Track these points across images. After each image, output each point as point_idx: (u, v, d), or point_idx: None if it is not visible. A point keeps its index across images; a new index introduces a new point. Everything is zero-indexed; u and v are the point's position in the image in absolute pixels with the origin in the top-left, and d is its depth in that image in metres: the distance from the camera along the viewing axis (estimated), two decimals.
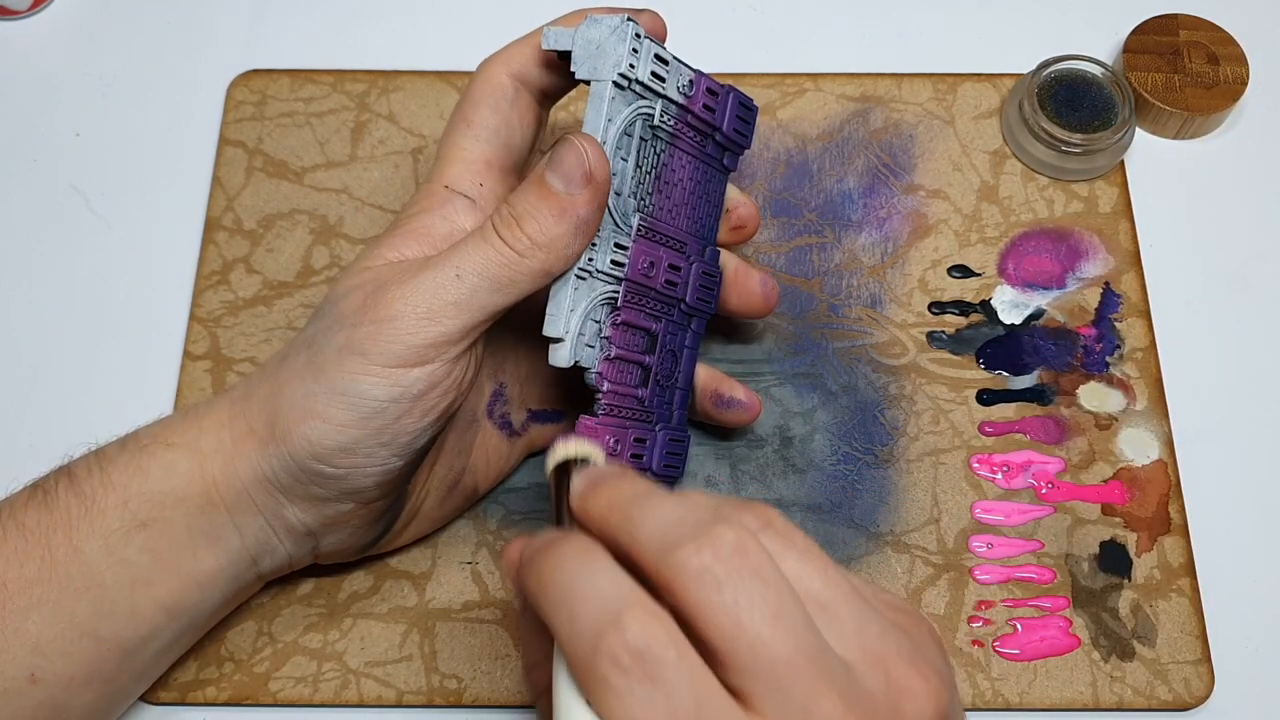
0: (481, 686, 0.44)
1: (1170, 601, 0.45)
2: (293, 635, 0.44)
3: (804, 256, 0.51)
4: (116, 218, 0.53)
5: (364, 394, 0.36)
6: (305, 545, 0.40)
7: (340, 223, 0.52)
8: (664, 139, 0.40)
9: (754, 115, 0.43)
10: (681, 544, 0.26)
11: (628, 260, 0.39)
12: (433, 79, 0.55)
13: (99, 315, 0.51)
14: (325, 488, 0.38)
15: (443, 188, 0.39)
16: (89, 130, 0.55)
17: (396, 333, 0.36)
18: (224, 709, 0.44)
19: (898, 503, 0.47)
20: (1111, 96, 0.53)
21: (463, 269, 0.36)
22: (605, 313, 0.39)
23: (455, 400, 0.38)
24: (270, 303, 0.50)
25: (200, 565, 0.38)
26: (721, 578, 0.26)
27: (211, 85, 0.55)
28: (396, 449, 0.37)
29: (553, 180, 0.36)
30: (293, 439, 0.37)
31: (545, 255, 0.36)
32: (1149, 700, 0.43)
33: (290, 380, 0.37)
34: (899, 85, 0.55)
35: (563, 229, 0.36)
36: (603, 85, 0.37)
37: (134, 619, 0.37)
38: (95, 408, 0.48)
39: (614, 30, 0.37)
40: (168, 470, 0.38)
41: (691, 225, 0.42)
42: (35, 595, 0.36)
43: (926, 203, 0.52)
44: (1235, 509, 0.47)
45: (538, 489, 0.47)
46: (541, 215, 0.36)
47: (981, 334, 0.50)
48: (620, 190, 0.39)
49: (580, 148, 0.36)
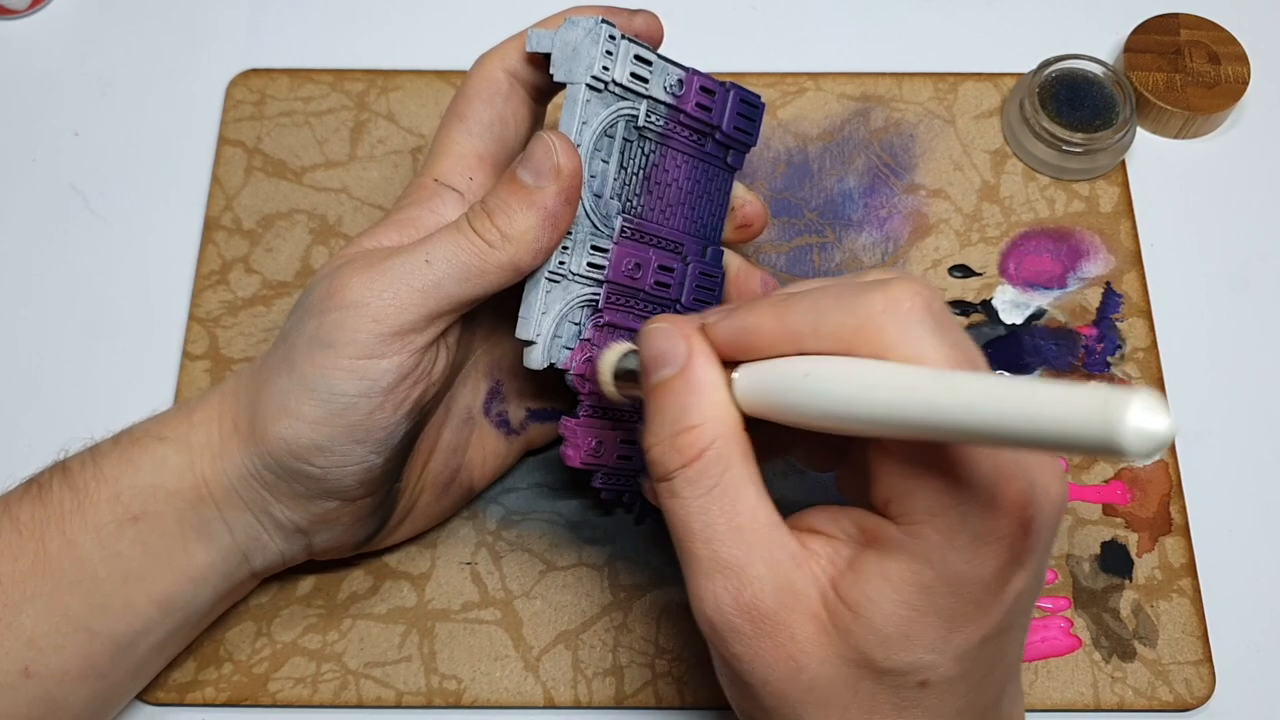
0: (481, 687, 0.43)
1: (1171, 602, 0.45)
2: (292, 636, 0.44)
3: (804, 256, 0.51)
4: (116, 217, 0.53)
5: (334, 389, 0.36)
6: (297, 542, 0.40)
7: (339, 222, 0.52)
8: (653, 139, 0.40)
9: (759, 112, 0.43)
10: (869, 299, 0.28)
11: (608, 262, 0.39)
12: (432, 78, 0.55)
13: (98, 315, 0.51)
14: (307, 486, 0.38)
15: (432, 181, 0.39)
16: (88, 130, 0.55)
17: (361, 319, 0.36)
18: (223, 710, 0.44)
19: None
20: (1113, 96, 0.53)
21: (432, 256, 0.36)
22: (585, 315, 0.40)
23: (426, 392, 0.38)
24: (269, 302, 0.50)
25: (192, 560, 0.38)
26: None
27: (210, 85, 0.55)
28: (373, 445, 0.37)
29: (522, 174, 0.36)
30: (269, 438, 0.37)
31: (514, 248, 0.36)
32: (1150, 701, 0.43)
33: (269, 377, 0.37)
34: (899, 85, 0.55)
35: (530, 222, 0.36)
36: (576, 88, 0.37)
37: (127, 613, 0.37)
38: (94, 407, 0.48)
39: (588, 32, 0.37)
40: (159, 464, 0.38)
41: (689, 225, 0.42)
42: (29, 589, 0.36)
43: (927, 202, 0.52)
44: (1236, 509, 0.47)
45: (537, 489, 0.47)
46: (511, 208, 0.36)
47: (983, 334, 0.50)
48: (600, 192, 0.39)
49: (549, 142, 0.36)
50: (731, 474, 0.31)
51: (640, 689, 0.43)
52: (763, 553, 0.30)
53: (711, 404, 0.31)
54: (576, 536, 0.46)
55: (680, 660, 0.44)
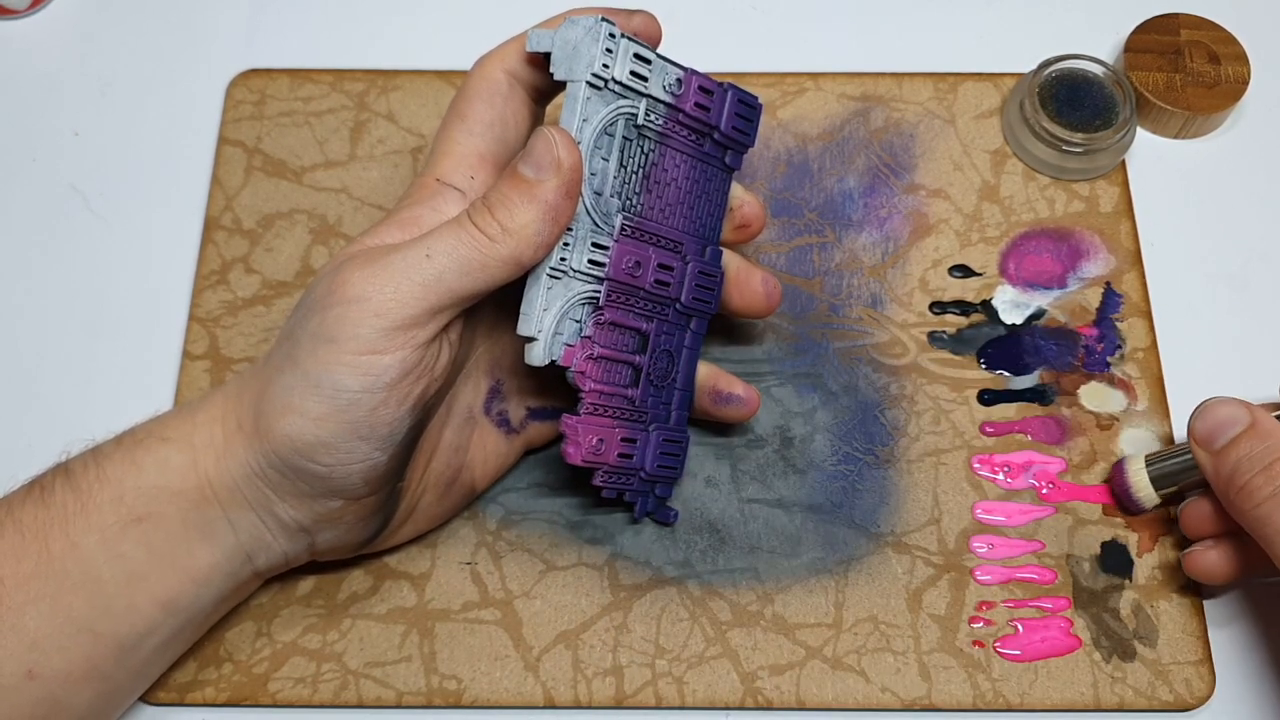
0: (481, 687, 0.43)
1: (1171, 602, 0.45)
2: (292, 636, 0.44)
3: (804, 256, 0.51)
4: (116, 217, 0.53)
5: (337, 385, 0.36)
6: (300, 542, 0.40)
7: (339, 222, 0.52)
8: (652, 138, 0.40)
9: (757, 113, 0.43)
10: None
11: (609, 259, 0.39)
12: (432, 78, 0.55)
13: (98, 315, 0.51)
14: (311, 484, 0.38)
15: (434, 180, 0.40)
16: (88, 130, 0.55)
17: (363, 314, 0.36)
18: (223, 710, 0.44)
19: (898, 503, 0.47)
20: (1113, 96, 0.53)
21: (433, 250, 0.36)
22: (586, 312, 0.40)
23: (429, 388, 0.38)
24: (269, 302, 0.50)
25: (196, 561, 0.38)
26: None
27: (211, 85, 0.55)
28: (377, 442, 0.37)
29: (523, 168, 0.37)
30: (274, 435, 0.37)
31: (515, 242, 0.36)
32: (1150, 701, 0.43)
33: (273, 375, 0.37)
34: (899, 84, 0.55)
35: (531, 215, 0.36)
36: (576, 85, 0.38)
37: (131, 614, 0.37)
38: (95, 407, 0.48)
39: (588, 31, 0.37)
40: (162, 465, 0.38)
41: (689, 224, 0.42)
42: (33, 591, 0.36)
43: (927, 202, 0.52)
44: None
45: (537, 488, 0.47)
46: (512, 202, 0.36)
47: (982, 334, 0.50)
48: (601, 190, 0.39)
49: (550, 136, 0.37)
50: None
51: (640, 689, 0.43)
52: None
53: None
54: (576, 536, 0.46)
55: (680, 660, 0.44)
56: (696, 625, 0.44)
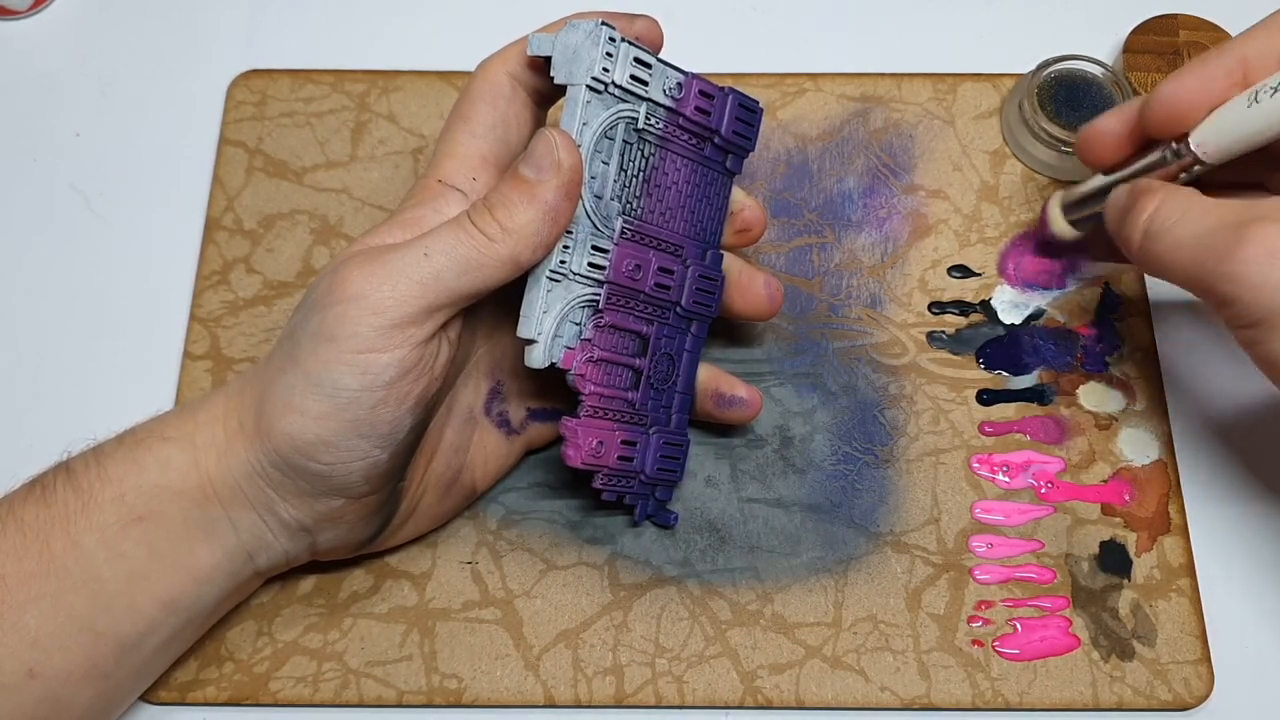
0: (481, 686, 0.44)
1: (1170, 601, 0.45)
2: (293, 635, 0.44)
3: (804, 256, 0.51)
4: (116, 217, 0.53)
5: (337, 383, 0.36)
6: (301, 541, 0.40)
7: (340, 223, 0.52)
8: (652, 142, 0.40)
9: (757, 117, 0.43)
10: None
11: (609, 263, 0.40)
12: (433, 79, 0.55)
13: (99, 315, 0.51)
14: (313, 483, 0.38)
15: (436, 181, 0.40)
16: (89, 130, 0.55)
17: (362, 312, 0.36)
18: (224, 709, 0.44)
19: (898, 503, 0.47)
20: (1112, 97, 0.53)
21: (432, 249, 0.36)
22: (586, 315, 0.40)
23: (429, 387, 0.38)
24: (270, 303, 0.50)
25: (197, 560, 0.38)
26: None
27: (211, 85, 0.55)
28: (377, 441, 0.37)
29: (524, 169, 0.37)
30: (275, 434, 0.37)
31: (514, 241, 0.36)
32: (1149, 700, 0.43)
33: (274, 374, 0.37)
34: (899, 85, 0.55)
35: (531, 215, 0.36)
36: (577, 89, 0.38)
37: (132, 614, 0.38)
38: (95, 407, 0.48)
39: (588, 34, 0.37)
40: (163, 464, 0.38)
41: (689, 228, 0.43)
42: (33, 590, 0.36)
43: (926, 203, 0.52)
44: (1235, 509, 0.47)
45: (537, 488, 0.47)
46: (511, 202, 0.37)
47: (981, 334, 0.50)
48: (601, 193, 0.39)
49: (550, 138, 0.37)
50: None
51: (640, 688, 0.44)
52: None
53: None
54: (576, 536, 0.46)
55: (680, 659, 0.44)
56: (696, 624, 0.45)
